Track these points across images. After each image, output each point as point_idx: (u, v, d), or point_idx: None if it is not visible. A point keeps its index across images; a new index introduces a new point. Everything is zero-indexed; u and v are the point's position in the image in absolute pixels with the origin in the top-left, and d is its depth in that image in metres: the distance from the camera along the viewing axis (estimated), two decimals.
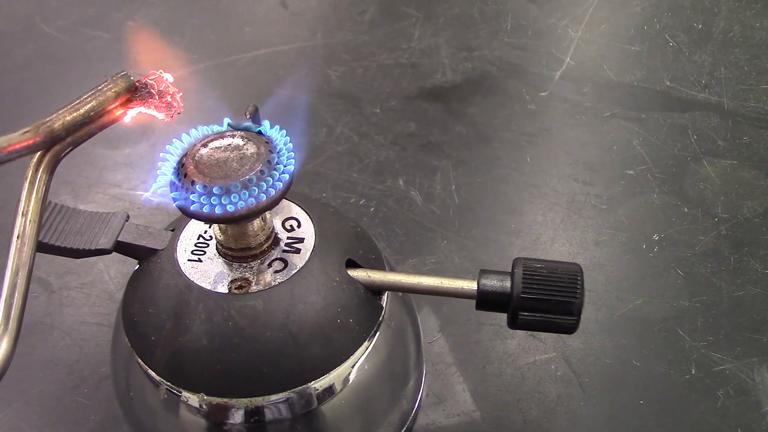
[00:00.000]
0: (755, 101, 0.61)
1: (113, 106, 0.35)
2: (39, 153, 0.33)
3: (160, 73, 0.38)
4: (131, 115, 0.36)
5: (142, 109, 0.37)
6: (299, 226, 0.38)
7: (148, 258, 0.38)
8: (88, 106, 0.34)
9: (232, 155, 0.34)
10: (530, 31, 0.69)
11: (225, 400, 0.35)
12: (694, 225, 0.52)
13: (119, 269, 0.50)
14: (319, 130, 0.60)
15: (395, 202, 0.54)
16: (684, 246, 0.50)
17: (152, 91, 0.36)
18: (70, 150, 0.34)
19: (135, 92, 0.36)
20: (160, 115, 0.37)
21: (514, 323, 0.36)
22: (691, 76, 0.63)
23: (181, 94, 0.37)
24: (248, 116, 0.36)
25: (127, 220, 0.38)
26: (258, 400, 0.35)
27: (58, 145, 0.33)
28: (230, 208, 0.32)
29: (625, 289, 0.48)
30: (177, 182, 0.33)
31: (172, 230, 0.39)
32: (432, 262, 0.50)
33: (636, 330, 0.46)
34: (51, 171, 0.34)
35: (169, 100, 0.37)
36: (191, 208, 0.32)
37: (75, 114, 0.34)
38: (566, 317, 0.35)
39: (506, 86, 0.63)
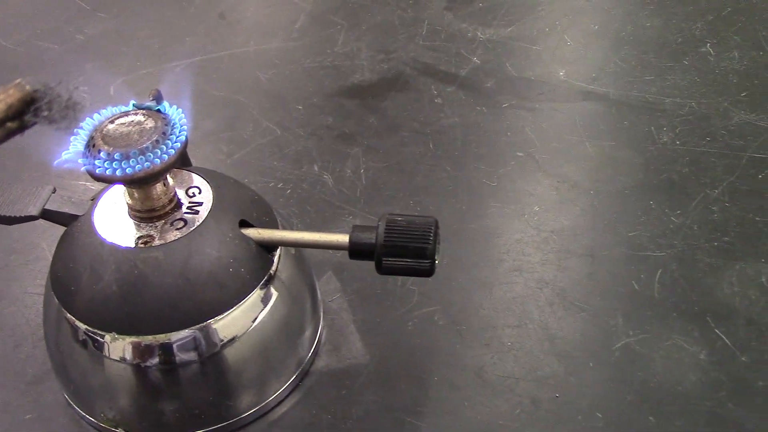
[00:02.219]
0: (638, 91, 0.68)
1: (4, 119, 0.31)
2: None
3: (61, 82, 0.36)
4: (26, 129, 0.33)
5: (39, 122, 0.34)
6: (200, 193, 0.45)
7: (71, 223, 0.44)
8: None
9: (133, 129, 0.40)
10: (443, 34, 0.76)
11: (133, 338, 0.41)
12: (572, 197, 0.58)
13: None
14: (246, 124, 0.67)
15: (309, 185, 0.60)
16: (561, 215, 0.57)
17: (51, 102, 0.33)
18: None
19: (31, 104, 0.32)
20: (58, 129, 0.35)
21: (380, 268, 0.43)
22: (584, 71, 0.71)
23: (80, 105, 0.38)
24: (151, 98, 0.43)
25: (53, 192, 0.45)
26: (162, 338, 0.41)
27: None
28: (129, 170, 0.39)
29: (504, 252, 0.54)
30: (86, 151, 0.40)
31: (92, 200, 0.45)
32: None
33: (510, 285, 0.52)
34: None
35: (68, 111, 0.35)
36: (96, 171, 0.39)
37: None
38: (421, 260, 0.42)
39: (417, 83, 0.70)
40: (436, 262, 0.42)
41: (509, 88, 0.69)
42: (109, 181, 0.39)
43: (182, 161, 0.47)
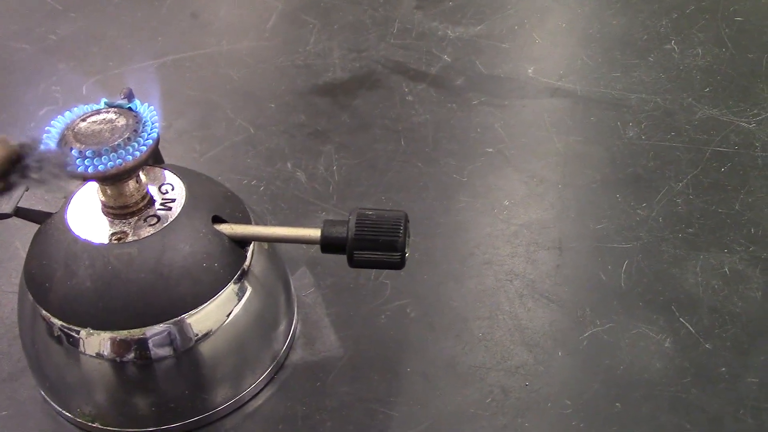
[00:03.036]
0: (604, 87, 0.69)
1: None
2: None
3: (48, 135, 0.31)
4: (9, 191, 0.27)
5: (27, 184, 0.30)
6: (173, 189, 0.45)
7: (45, 220, 0.45)
8: None
9: (105, 127, 0.41)
10: (414, 33, 0.77)
11: (108, 333, 0.42)
12: (540, 191, 0.59)
13: None
14: (219, 123, 0.67)
15: (282, 182, 0.61)
16: (530, 208, 0.58)
17: (40, 160, 0.28)
18: None
19: (18, 162, 0.27)
20: (49, 190, 0.31)
21: (351, 262, 0.44)
22: (552, 68, 0.72)
23: (75, 158, 0.33)
24: (123, 96, 0.43)
25: (27, 190, 0.45)
26: (137, 332, 0.42)
27: None
28: (101, 167, 0.39)
29: (475, 246, 0.55)
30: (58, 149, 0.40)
31: (66, 197, 0.45)
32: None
33: (481, 277, 0.53)
34: None
35: (60, 170, 0.30)
36: (68, 168, 0.39)
37: None
38: (392, 253, 0.43)
39: (389, 81, 0.71)
40: (407, 255, 0.43)
41: (479, 86, 0.70)
42: (82, 178, 0.40)
43: (155, 158, 0.47)
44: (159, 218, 0.43)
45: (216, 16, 0.82)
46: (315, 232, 0.44)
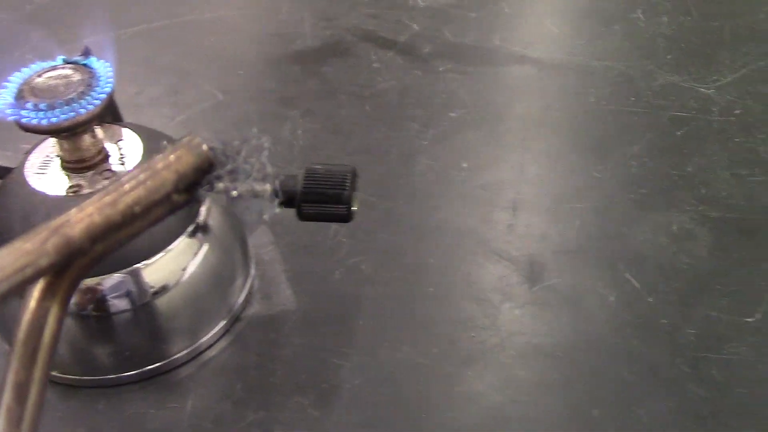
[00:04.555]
0: (569, 55, 0.70)
1: (171, 191, 0.21)
2: (46, 278, 0.20)
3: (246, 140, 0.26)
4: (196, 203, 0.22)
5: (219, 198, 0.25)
6: (130, 146, 0.46)
7: (4, 176, 0.46)
8: (132, 196, 0.21)
9: (61, 82, 0.42)
10: (385, 2, 0.78)
11: None
12: (499, 154, 0.61)
13: None
14: (190, 89, 0.69)
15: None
16: (488, 171, 0.60)
17: (235, 171, 0.24)
18: (95, 264, 0.20)
19: (208, 171, 0.23)
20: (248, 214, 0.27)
21: (300, 215, 0.45)
22: (519, 37, 0.73)
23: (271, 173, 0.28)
24: (80, 54, 0.45)
25: None
26: (93, 281, 0.43)
27: (79, 260, 0.20)
28: (54, 120, 0.41)
29: (433, 207, 0.57)
30: (14, 103, 0.42)
31: (27, 154, 0.47)
32: None
33: (434, 235, 0.55)
34: (65, 302, 0.20)
35: (262, 187, 0.25)
36: (23, 121, 0.41)
37: (110, 212, 0.20)
38: (339, 206, 0.44)
39: (357, 49, 0.72)
40: (353, 208, 0.45)
41: (446, 54, 0.71)
42: (37, 131, 0.41)
43: (113, 116, 0.49)
44: (115, 173, 0.45)
45: None
46: None
